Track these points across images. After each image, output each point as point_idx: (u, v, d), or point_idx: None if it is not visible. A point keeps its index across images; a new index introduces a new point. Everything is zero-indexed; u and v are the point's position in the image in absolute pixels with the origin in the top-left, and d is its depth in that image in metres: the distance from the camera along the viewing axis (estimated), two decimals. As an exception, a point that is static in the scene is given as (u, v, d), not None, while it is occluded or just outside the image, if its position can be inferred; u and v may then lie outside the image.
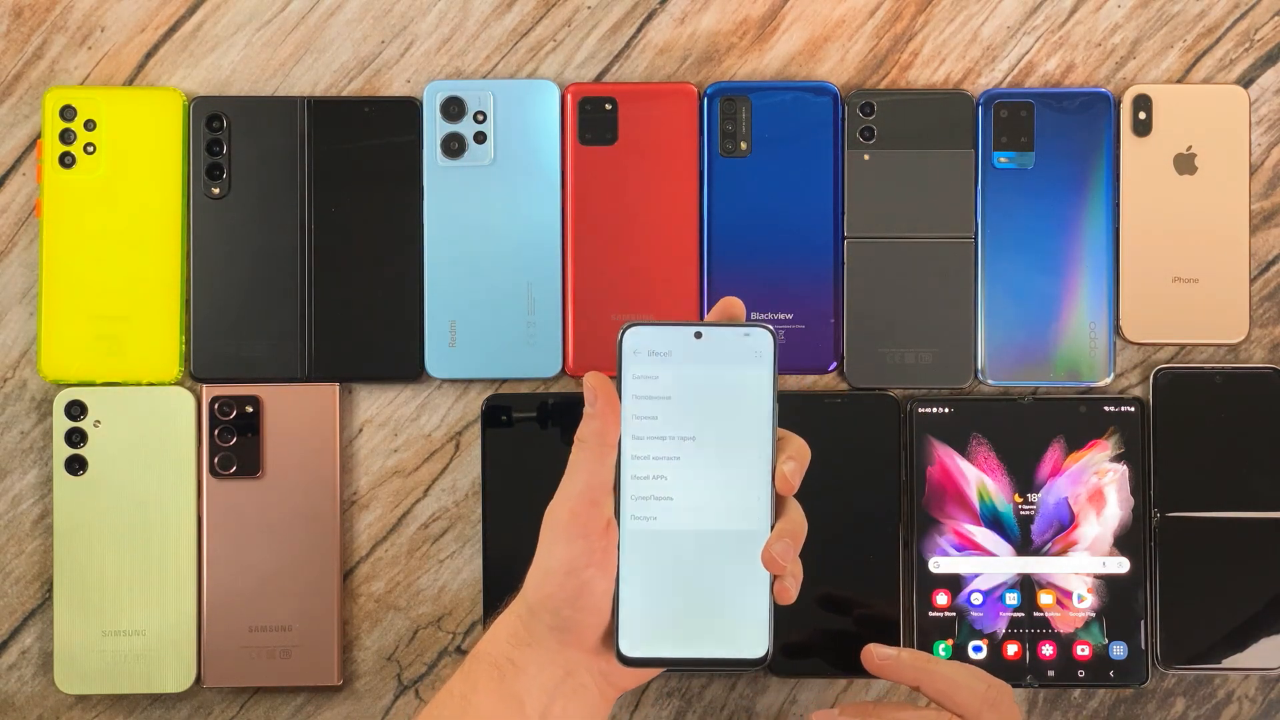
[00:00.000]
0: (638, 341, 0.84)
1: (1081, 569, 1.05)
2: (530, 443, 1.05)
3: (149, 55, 1.07)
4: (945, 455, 1.05)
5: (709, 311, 0.88)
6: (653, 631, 0.84)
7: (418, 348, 1.06)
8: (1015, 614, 1.05)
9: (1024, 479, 1.05)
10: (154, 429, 1.05)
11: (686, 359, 0.84)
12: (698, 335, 0.84)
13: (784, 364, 1.06)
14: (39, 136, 1.06)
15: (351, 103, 1.07)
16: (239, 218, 1.06)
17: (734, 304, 0.87)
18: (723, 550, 0.84)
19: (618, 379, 0.84)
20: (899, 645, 1.05)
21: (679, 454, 0.84)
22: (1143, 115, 1.06)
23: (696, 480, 0.84)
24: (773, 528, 0.84)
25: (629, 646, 0.83)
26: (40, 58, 1.07)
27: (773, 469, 0.84)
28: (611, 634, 0.84)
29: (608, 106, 1.06)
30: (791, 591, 0.84)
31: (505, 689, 0.83)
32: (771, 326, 0.84)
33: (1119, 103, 1.06)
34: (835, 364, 1.06)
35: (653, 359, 0.84)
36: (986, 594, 1.05)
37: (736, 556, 0.84)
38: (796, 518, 0.85)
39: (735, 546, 0.84)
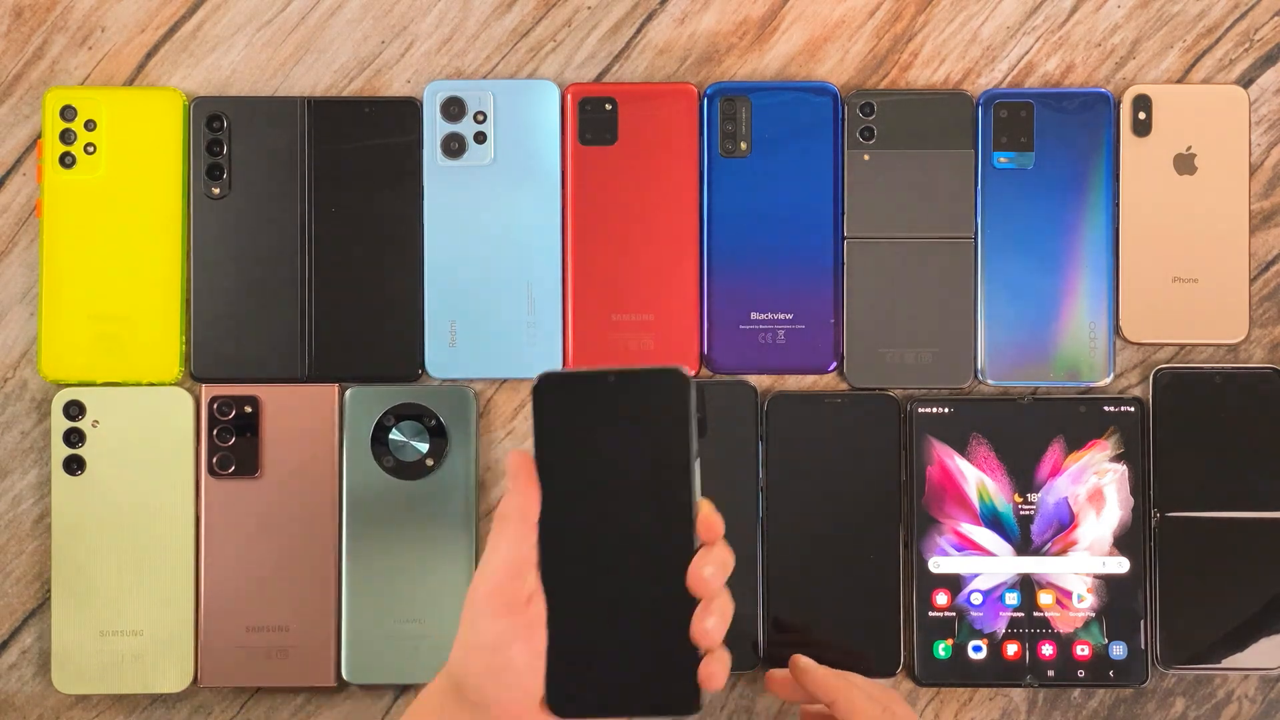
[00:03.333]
0: (552, 391, 0.83)
1: (1081, 569, 1.05)
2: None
3: (149, 55, 1.08)
4: (945, 455, 1.05)
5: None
6: (583, 690, 0.83)
7: (418, 348, 1.06)
8: (1015, 614, 1.05)
9: (1024, 479, 1.05)
10: (152, 429, 1.05)
11: (602, 406, 0.82)
12: (611, 380, 0.83)
13: (784, 364, 1.06)
14: (39, 136, 1.06)
15: (351, 103, 1.07)
16: (239, 218, 1.06)
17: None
18: (649, 601, 0.83)
19: (535, 428, 0.83)
20: (900, 645, 1.05)
21: (601, 508, 0.83)
22: (1142, 115, 1.06)
23: (619, 534, 0.83)
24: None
25: (559, 706, 0.83)
26: (40, 58, 1.07)
27: (695, 514, 0.83)
28: (537, 709, 0.83)
29: (608, 106, 1.06)
30: (716, 670, 0.83)
31: None
32: (686, 368, 0.83)
33: (1119, 103, 1.07)
34: (835, 364, 1.06)
35: (568, 408, 0.83)
36: (986, 594, 1.05)
37: (663, 607, 0.83)
38: (724, 551, 0.84)
39: (662, 597, 0.83)
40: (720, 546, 0.83)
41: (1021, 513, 1.05)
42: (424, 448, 1.05)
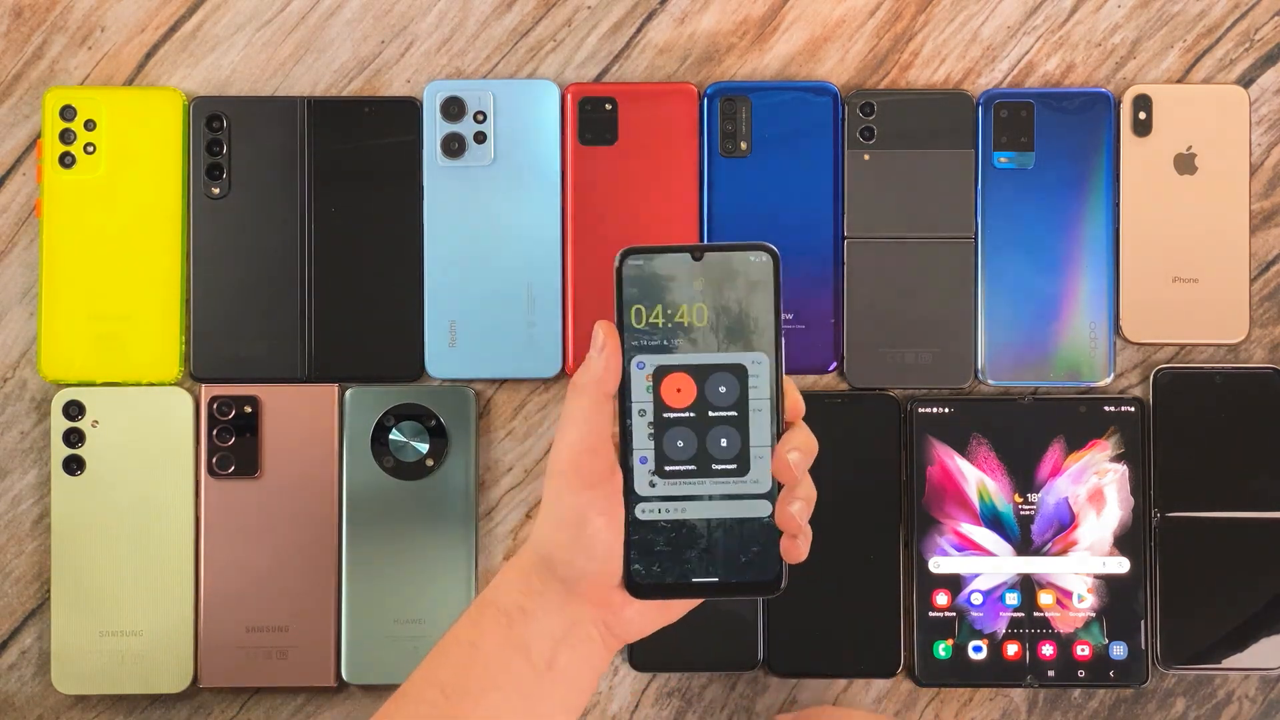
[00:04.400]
0: (636, 268, 0.84)
1: (1081, 569, 1.05)
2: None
3: (149, 55, 1.08)
4: (945, 455, 1.05)
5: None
6: (663, 563, 0.85)
7: (418, 348, 1.06)
8: (1015, 614, 1.05)
9: (1024, 479, 1.05)
10: (152, 429, 1.05)
11: (687, 284, 0.84)
12: (696, 257, 0.84)
13: (784, 364, 1.06)
14: (39, 136, 1.06)
15: (351, 103, 1.07)
16: (239, 218, 1.06)
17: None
18: (729, 479, 0.85)
19: (617, 308, 0.84)
20: (900, 645, 1.05)
21: (681, 385, 0.84)
22: (1143, 115, 1.06)
23: (701, 411, 0.84)
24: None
25: (640, 577, 0.84)
26: (40, 58, 1.07)
27: (778, 394, 0.84)
28: (620, 579, 0.84)
29: (608, 106, 1.06)
30: (801, 548, 0.85)
31: (513, 636, 0.83)
32: (773, 246, 0.84)
33: (1119, 103, 1.07)
34: (835, 364, 1.06)
35: (651, 287, 0.84)
36: (986, 594, 1.05)
37: (744, 484, 0.85)
38: (807, 434, 0.85)
39: (743, 475, 0.85)
40: (803, 429, 0.84)
41: (1022, 513, 1.05)
42: (424, 448, 1.05)
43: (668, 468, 0.85)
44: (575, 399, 0.84)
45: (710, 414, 0.85)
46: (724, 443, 0.85)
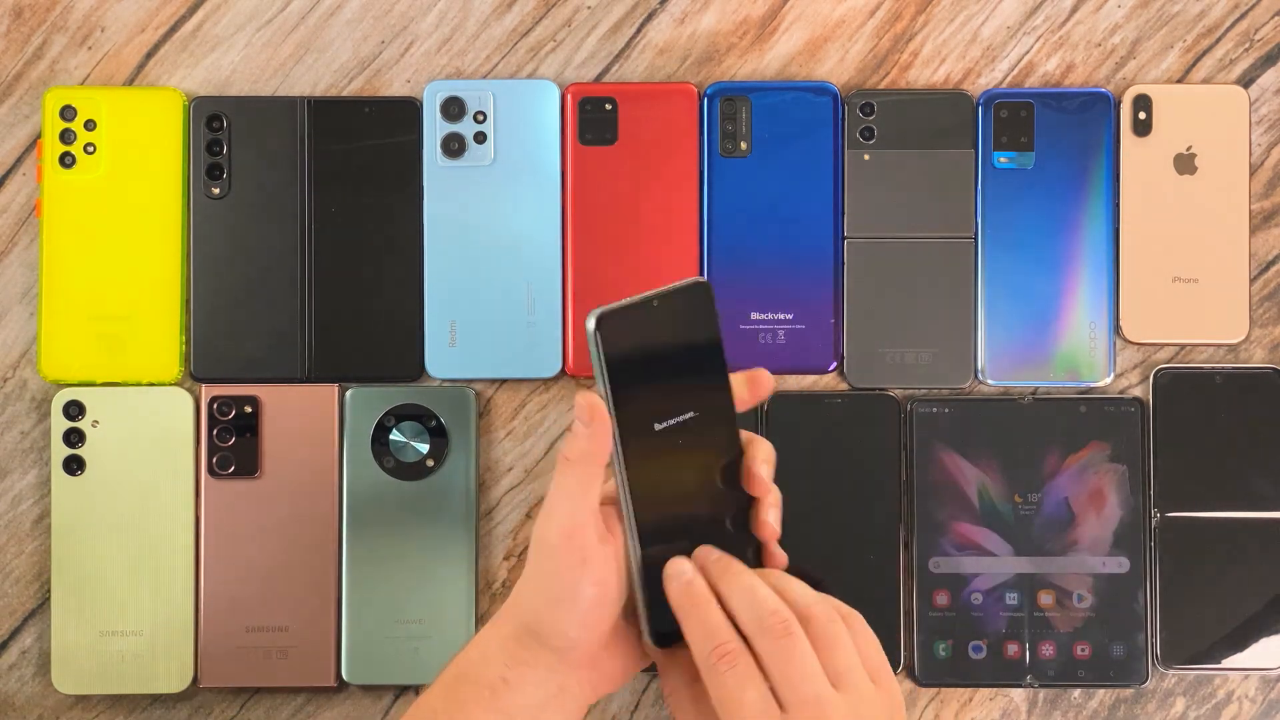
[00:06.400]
0: (611, 327, 0.83)
1: (1081, 569, 1.05)
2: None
3: (149, 55, 1.08)
4: (945, 455, 1.05)
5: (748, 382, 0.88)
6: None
7: (418, 348, 1.06)
8: (1015, 614, 1.05)
9: (1024, 479, 1.05)
10: (152, 429, 1.05)
11: (644, 333, 0.83)
12: (654, 304, 0.84)
13: (784, 364, 1.06)
14: (39, 136, 1.06)
15: (351, 103, 1.07)
16: (239, 218, 1.06)
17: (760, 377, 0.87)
18: (720, 513, 0.85)
19: (605, 365, 0.83)
20: (899, 646, 1.05)
21: (665, 432, 0.84)
22: (1143, 115, 1.06)
23: (687, 456, 0.84)
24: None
25: (663, 626, 0.84)
26: (40, 58, 1.07)
27: (734, 413, 0.85)
28: (613, 641, 0.85)
29: (608, 106, 1.06)
30: (782, 553, 0.86)
31: (496, 708, 0.83)
32: (704, 279, 0.84)
33: (1119, 103, 1.07)
34: (835, 364, 1.06)
35: (619, 340, 0.83)
36: (986, 594, 1.05)
37: (731, 514, 0.85)
38: (763, 442, 0.86)
39: (726, 505, 0.85)
40: (758, 440, 0.85)
41: (1021, 513, 1.05)
42: (424, 448, 1.05)
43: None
44: (566, 473, 0.82)
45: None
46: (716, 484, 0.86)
